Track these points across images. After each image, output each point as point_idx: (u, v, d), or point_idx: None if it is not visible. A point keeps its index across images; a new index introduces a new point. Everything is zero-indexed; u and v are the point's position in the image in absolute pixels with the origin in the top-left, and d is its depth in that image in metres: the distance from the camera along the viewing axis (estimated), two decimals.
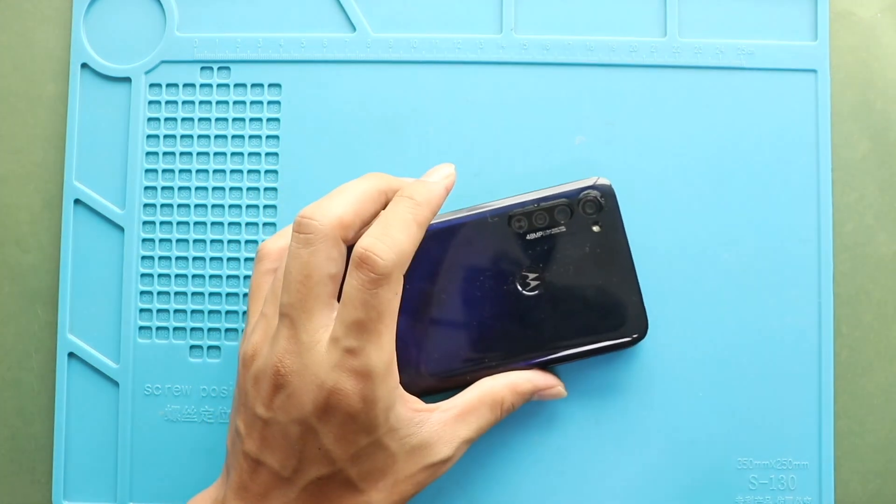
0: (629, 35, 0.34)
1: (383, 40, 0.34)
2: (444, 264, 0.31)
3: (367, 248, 0.26)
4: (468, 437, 0.29)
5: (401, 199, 0.28)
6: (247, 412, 0.27)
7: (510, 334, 0.31)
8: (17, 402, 0.35)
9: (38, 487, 0.35)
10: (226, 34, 0.35)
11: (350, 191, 0.27)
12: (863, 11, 0.35)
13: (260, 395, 0.27)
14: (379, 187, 0.28)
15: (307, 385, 0.26)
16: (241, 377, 0.28)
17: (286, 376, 0.26)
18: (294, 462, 0.26)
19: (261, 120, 0.34)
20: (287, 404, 0.26)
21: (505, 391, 0.30)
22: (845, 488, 0.33)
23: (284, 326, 0.26)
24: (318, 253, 0.26)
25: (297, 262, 0.26)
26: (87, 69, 0.35)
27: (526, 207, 0.31)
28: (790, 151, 0.33)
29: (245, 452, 0.27)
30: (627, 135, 0.34)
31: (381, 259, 0.26)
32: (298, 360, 0.26)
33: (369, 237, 0.26)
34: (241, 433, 0.27)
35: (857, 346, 0.34)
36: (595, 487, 0.33)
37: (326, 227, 0.26)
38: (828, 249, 0.33)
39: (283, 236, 0.30)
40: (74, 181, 0.35)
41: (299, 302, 0.26)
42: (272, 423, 0.26)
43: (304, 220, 0.26)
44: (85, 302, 0.34)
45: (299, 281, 0.26)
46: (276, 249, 0.30)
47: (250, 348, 0.28)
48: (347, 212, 0.27)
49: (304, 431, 0.26)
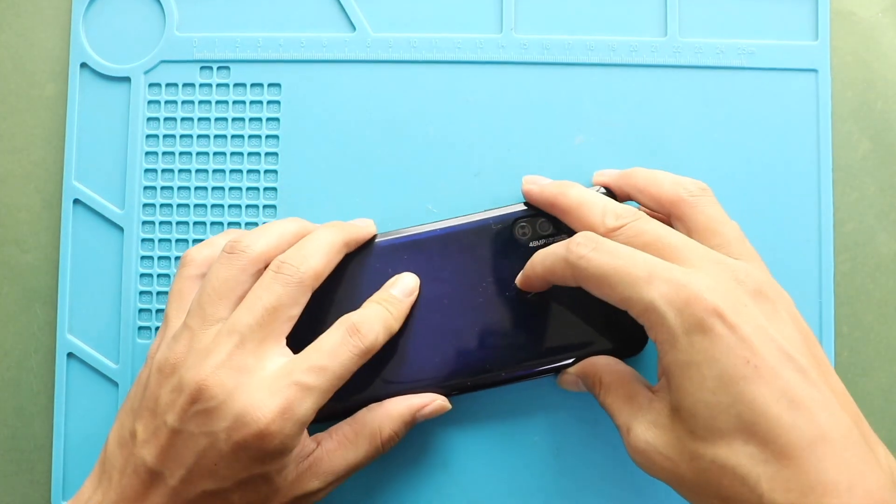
0: (629, 35, 0.34)
1: (383, 40, 0.34)
2: (447, 271, 0.31)
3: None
4: (344, 471, 0.29)
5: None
6: (153, 419, 0.27)
7: (512, 342, 0.31)
8: (17, 403, 0.35)
9: (37, 488, 0.35)
10: (225, 34, 0.35)
11: (323, 242, 0.29)
12: (863, 11, 0.35)
13: (176, 404, 0.27)
14: (344, 240, 0.30)
15: (236, 403, 0.26)
16: (153, 383, 0.28)
17: (215, 391, 0.26)
18: (185, 472, 0.26)
19: (260, 120, 0.34)
20: (204, 417, 0.26)
21: (381, 419, 0.29)
22: None
23: (230, 343, 0.27)
24: (293, 295, 0.28)
25: (271, 294, 0.28)
26: (87, 69, 0.35)
27: (529, 215, 0.31)
28: (791, 151, 0.33)
29: (138, 456, 0.27)
30: (627, 135, 0.34)
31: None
32: (235, 378, 0.26)
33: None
34: (138, 438, 0.27)
35: (857, 347, 0.34)
36: (595, 487, 0.33)
37: (306, 277, 0.28)
38: (828, 249, 0.33)
39: (209, 246, 0.31)
40: (74, 181, 0.34)
41: (259, 327, 0.27)
42: (181, 432, 0.26)
43: (287, 265, 0.28)
44: (84, 302, 0.34)
45: (266, 309, 0.27)
46: (201, 258, 0.30)
47: (172, 357, 0.28)
48: (321, 265, 0.29)
49: (209, 445, 0.26)
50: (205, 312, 0.28)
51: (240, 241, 0.29)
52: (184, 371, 0.27)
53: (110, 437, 0.28)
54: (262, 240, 0.29)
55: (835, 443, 0.22)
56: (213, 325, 0.28)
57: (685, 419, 0.24)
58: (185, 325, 0.28)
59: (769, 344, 0.24)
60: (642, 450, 0.25)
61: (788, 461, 0.22)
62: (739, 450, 0.23)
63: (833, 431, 0.23)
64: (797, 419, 0.23)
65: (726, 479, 0.23)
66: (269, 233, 0.29)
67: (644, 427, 0.26)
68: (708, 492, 0.24)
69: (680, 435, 0.24)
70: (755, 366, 0.23)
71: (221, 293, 0.28)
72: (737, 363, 0.23)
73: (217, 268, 0.28)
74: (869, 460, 0.23)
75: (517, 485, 0.33)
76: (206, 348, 0.27)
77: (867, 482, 0.22)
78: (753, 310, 0.24)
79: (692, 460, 0.24)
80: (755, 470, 0.23)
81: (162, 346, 0.29)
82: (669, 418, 0.25)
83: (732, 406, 0.23)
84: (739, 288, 0.25)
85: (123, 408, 0.29)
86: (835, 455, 0.22)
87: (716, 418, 0.23)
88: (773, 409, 0.23)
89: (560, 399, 0.33)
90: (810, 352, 0.24)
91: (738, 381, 0.23)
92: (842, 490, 0.22)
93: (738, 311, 0.24)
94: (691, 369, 0.24)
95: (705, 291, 0.24)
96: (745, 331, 0.24)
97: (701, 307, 0.24)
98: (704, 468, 0.24)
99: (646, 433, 0.25)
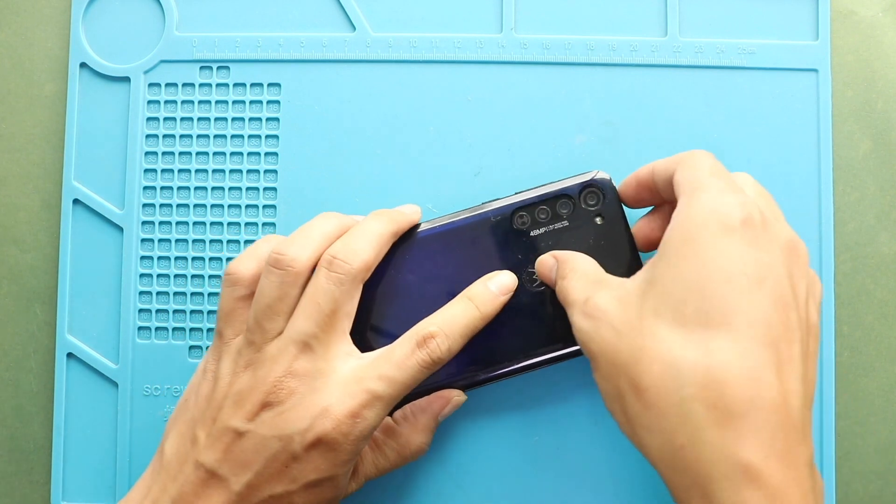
0: (630, 34, 0.34)
1: (383, 40, 0.34)
2: (450, 266, 0.31)
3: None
4: (374, 476, 0.30)
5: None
6: (214, 424, 0.28)
7: (518, 332, 0.31)
8: (16, 403, 0.35)
9: (36, 488, 0.35)
10: (225, 34, 0.35)
11: (372, 234, 0.29)
12: (864, 11, 0.34)
13: (244, 410, 0.27)
14: (392, 230, 0.30)
15: (313, 406, 0.27)
16: (219, 393, 0.28)
17: (289, 395, 0.27)
18: (251, 477, 0.27)
19: (260, 119, 0.34)
20: (279, 420, 0.27)
21: (409, 432, 0.30)
22: (846, 489, 0.33)
23: (297, 350, 0.28)
24: (348, 292, 0.28)
25: (327, 297, 0.28)
26: (86, 69, 0.35)
27: (527, 204, 0.31)
28: (791, 151, 0.33)
29: (199, 462, 0.27)
30: (627, 135, 0.34)
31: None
32: (309, 383, 0.27)
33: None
34: (200, 442, 0.27)
35: (858, 347, 0.33)
36: (595, 487, 0.32)
37: (356, 271, 0.28)
38: (829, 249, 0.33)
39: (251, 258, 0.30)
40: (73, 181, 0.34)
41: (323, 332, 0.28)
42: (249, 437, 0.27)
43: (338, 262, 0.28)
44: (84, 302, 0.34)
45: (326, 315, 0.28)
46: (248, 276, 0.29)
47: (238, 368, 0.28)
48: (372, 258, 0.29)
49: (282, 448, 0.27)
50: (264, 328, 0.28)
51: (285, 254, 0.28)
52: (252, 380, 0.28)
53: (166, 446, 0.29)
54: (307, 249, 0.29)
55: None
56: (275, 337, 0.28)
57: (655, 295, 0.24)
58: (248, 342, 0.28)
59: (776, 275, 0.23)
60: (595, 317, 0.25)
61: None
62: (688, 338, 0.23)
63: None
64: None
65: (657, 365, 0.23)
66: (312, 238, 0.29)
67: (607, 299, 0.25)
68: (628, 371, 0.24)
69: (641, 312, 0.24)
70: (756, 278, 0.23)
71: (276, 310, 0.28)
72: (739, 267, 0.23)
73: (266, 285, 0.28)
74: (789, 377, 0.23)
75: (517, 484, 0.33)
76: (273, 357, 0.28)
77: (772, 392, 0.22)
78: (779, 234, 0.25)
79: (637, 336, 0.24)
80: (688, 356, 0.23)
81: (226, 359, 0.29)
82: (638, 296, 0.25)
83: (708, 301, 0.23)
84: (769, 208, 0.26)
85: (179, 419, 0.29)
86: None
87: (686, 303, 0.23)
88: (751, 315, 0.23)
89: (560, 398, 0.33)
90: (801, 312, 0.24)
91: (733, 282, 0.23)
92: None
93: (767, 223, 0.24)
94: (697, 249, 0.24)
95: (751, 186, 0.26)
96: (763, 250, 0.23)
97: (739, 209, 0.24)
98: (643, 346, 0.23)
99: (607, 304, 0.25)
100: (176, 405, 0.30)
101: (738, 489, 0.21)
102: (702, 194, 0.25)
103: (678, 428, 0.22)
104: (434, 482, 0.33)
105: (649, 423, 0.23)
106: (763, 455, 0.21)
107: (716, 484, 0.22)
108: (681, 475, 0.22)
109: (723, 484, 0.22)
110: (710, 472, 0.22)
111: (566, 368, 0.32)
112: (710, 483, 0.22)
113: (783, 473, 0.22)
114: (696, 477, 0.22)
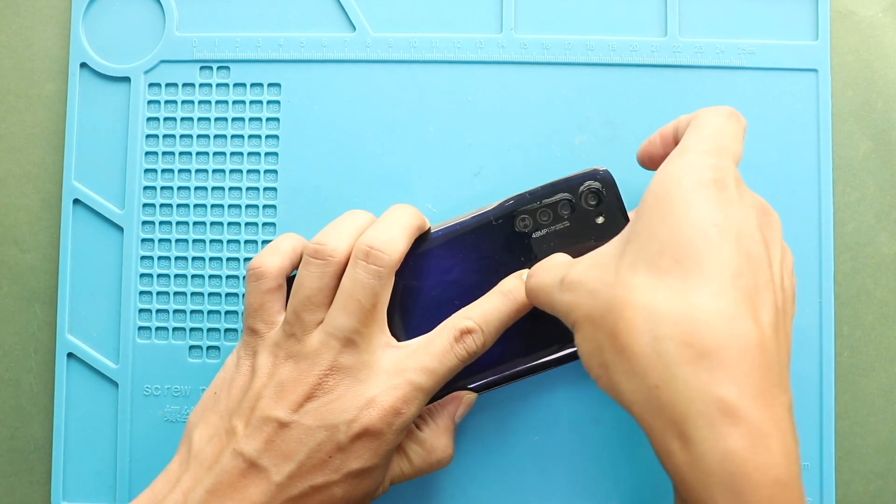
0: (629, 34, 0.34)
1: (383, 40, 0.34)
2: (454, 270, 0.31)
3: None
4: (399, 480, 0.30)
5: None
6: (252, 413, 0.28)
7: (522, 334, 0.31)
8: (16, 403, 0.35)
9: (36, 488, 0.35)
10: (225, 34, 0.35)
11: (403, 225, 0.30)
12: (864, 11, 0.35)
13: (288, 401, 0.27)
14: (419, 223, 0.30)
15: (359, 396, 0.27)
16: (257, 384, 0.28)
17: (334, 386, 0.28)
18: (294, 467, 0.27)
19: (260, 120, 0.34)
20: (324, 411, 0.27)
21: (432, 440, 0.30)
22: (846, 489, 0.33)
23: (339, 343, 0.28)
24: (386, 285, 0.29)
25: (366, 290, 0.28)
26: (87, 69, 0.35)
27: (529, 206, 0.31)
28: (791, 151, 0.33)
29: (237, 451, 0.27)
30: (627, 135, 0.34)
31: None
32: (353, 374, 0.28)
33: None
34: (239, 433, 0.27)
35: (858, 347, 0.33)
36: (594, 487, 0.32)
37: (393, 262, 0.29)
38: (829, 249, 0.33)
39: (274, 253, 0.30)
40: (73, 181, 0.34)
41: (363, 325, 0.28)
42: (293, 428, 0.27)
43: (375, 253, 0.28)
44: (84, 302, 0.34)
45: (366, 308, 0.28)
46: (275, 269, 0.30)
47: (278, 360, 0.28)
48: (405, 248, 0.29)
49: (327, 438, 0.27)
50: (303, 320, 0.28)
51: (325, 244, 0.29)
52: (295, 371, 0.28)
53: (195, 438, 0.28)
54: (344, 241, 0.29)
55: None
56: (314, 329, 0.28)
57: (631, 251, 0.24)
58: (288, 334, 0.29)
59: (748, 237, 0.23)
60: (572, 289, 0.25)
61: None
62: (661, 283, 0.23)
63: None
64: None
65: (630, 310, 0.23)
66: (347, 230, 0.30)
67: (580, 269, 0.25)
68: (605, 322, 0.23)
69: (618, 269, 0.24)
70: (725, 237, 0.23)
71: (316, 302, 0.28)
72: (708, 228, 0.23)
73: (307, 276, 0.29)
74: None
75: (517, 485, 0.33)
76: (315, 351, 0.28)
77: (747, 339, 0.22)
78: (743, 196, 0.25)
79: (612, 290, 0.23)
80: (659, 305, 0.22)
81: (263, 353, 0.29)
82: (614, 256, 0.24)
83: (680, 249, 0.23)
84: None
85: (208, 411, 0.29)
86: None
87: (660, 254, 0.23)
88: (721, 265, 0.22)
89: (560, 398, 0.33)
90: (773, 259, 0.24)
91: (705, 231, 0.23)
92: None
93: (742, 187, 0.25)
94: (671, 204, 0.24)
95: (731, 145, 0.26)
96: (733, 209, 0.24)
97: (724, 170, 0.24)
98: (619, 296, 0.23)
99: (581, 274, 0.25)
100: (200, 399, 0.30)
101: (714, 426, 0.21)
102: (682, 156, 0.25)
103: (652, 367, 0.22)
104: (434, 482, 0.33)
105: (624, 368, 0.23)
106: (738, 391, 0.21)
107: (691, 422, 0.21)
108: (656, 417, 0.22)
109: (699, 422, 0.21)
110: (686, 410, 0.21)
111: (568, 368, 0.32)
112: (686, 422, 0.21)
113: (761, 412, 0.21)
114: (672, 416, 0.21)
